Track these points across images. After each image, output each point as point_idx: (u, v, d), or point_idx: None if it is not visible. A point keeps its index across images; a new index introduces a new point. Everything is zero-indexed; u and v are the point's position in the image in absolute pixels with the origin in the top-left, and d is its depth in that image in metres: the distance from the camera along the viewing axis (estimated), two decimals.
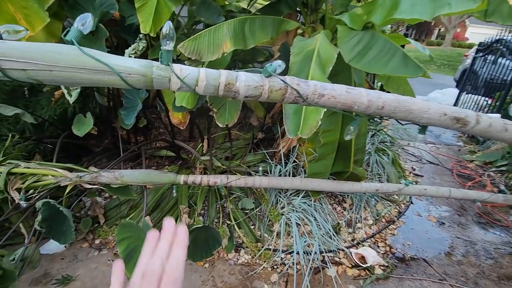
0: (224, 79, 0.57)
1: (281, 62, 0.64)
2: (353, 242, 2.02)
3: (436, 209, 2.52)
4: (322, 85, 0.64)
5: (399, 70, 1.18)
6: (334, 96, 0.64)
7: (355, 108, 0.68)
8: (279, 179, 1.92)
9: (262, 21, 1.55)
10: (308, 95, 0.63)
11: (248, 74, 0.60)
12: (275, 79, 0.61)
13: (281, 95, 0.61)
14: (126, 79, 0.52)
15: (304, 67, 1.34)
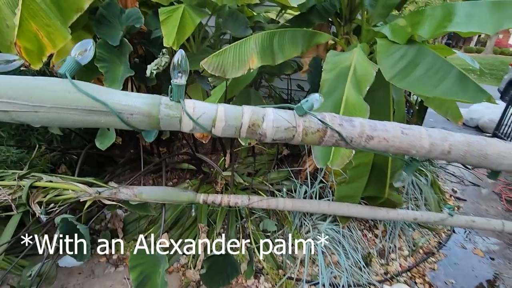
0: (248, 119, 0.46)
1: (319, 95, 0.51)
2: (386, 276, 1.81)
3: (483, 241, 2.22)
4: (372, 125, 0.51)
5: (454, 93, 1.01)
6: (387, 139, 0.51)
7: (413, 152, 0.54)
8: (305, 202, 1.77)
9: (292, 34, 1.43)
10: (353, 137, 0.50)
11: (278, 112, 0.48)
12: (311, 118, 0.48)
13: (319, 138, 0.49)
14: (128, 120, 0.42)
15: (338, 85, 1.20)
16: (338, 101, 1.14)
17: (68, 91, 0.41)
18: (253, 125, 0.46)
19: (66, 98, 0.41)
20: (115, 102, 0.43)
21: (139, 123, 0.44)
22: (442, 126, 4.78)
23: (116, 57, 1.45)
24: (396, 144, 0.52)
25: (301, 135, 0.48)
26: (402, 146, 0.53)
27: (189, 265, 1.79)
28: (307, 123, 0.48)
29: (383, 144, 0.52)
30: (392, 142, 0.52)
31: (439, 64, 1.11)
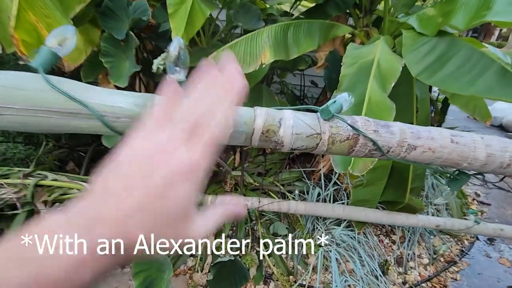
0: (261, 124, 0.37)
1: (349, 95, 0.42)
2: (404, 286, 1.70)
3: (510, 249, 2.07)
4: (414, 132, 0.41)
5: (495, 91, 0.88)
6: (433, 149, 0.41)
7: (463, 165, 0.44)
8: (318, 205, 1.67)
9: (308, 26, 1.32)
10: (391, 147, 0.40)
11: (298, 116, 0.39)
12: (339, 123, 0.39)
13: (348, 148, 0.39)
14: (114, 125, 0.34)
15: (359, 81, 1.10)
16: (360, 99, 1.03)
17: (40, 89, 0.33)
18: (268, 131, 0.37)
19: (38, 97, 0.33)
20: (98, 103, 0.34)
21: (128, 128, 0.36)
22: (463, 124, 4.55)
23: (122, 52, 1.38)
24: (444, 155, 0.42)
25: (326, 144, 0.39)
26: (451, 158, 0.43)
27: (196, 268, 1.73)
28: (335, 129, 0.39)
29: (428, 155, 0.42)
30: (439, 153, 0.42)
31: (476, 58, 0.99)
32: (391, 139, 0.41)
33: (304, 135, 0.38)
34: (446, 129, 0.44)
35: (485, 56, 0.97)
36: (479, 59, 0.98)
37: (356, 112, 1.06)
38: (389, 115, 0.99)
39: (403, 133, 0.41)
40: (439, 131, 0.43)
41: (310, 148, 0.40)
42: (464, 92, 0.94)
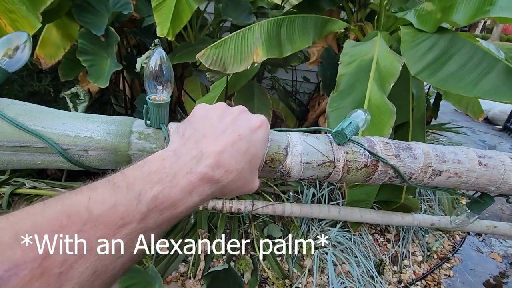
0: (264, 152, 0.30)
1: (364, 112, 0.36)
2: (400, 285, 1.69)
3: (500, 244, 2.10)
4: (439, 155, 0.35)
5: (502, 93, 0.84)
6: (459, 174, 0.36)
7: (491, 190, 0.39)
8: (314, 207, 1.63)
9: (302, 22, 1.25)
10: (413, 173, 0.34)
11: (308, 140, 0.33)
12: (355, 147, 0.33)
13: (365, 176, 0.33)
14: (80, 159, 0.26)
15: (358, 82, 1.04)
16: (359, 101, 0.98)
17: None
18: (272, 161, 0.31)
19: None
20: (59, 133, 0.27)
21: (98, 162, 0.28)
22: (451, 118, 4.61)
23: (102, 49, 1.28)
24: (471, 180, 0.37)
25: (340, 174, 0.33)
26: (478, 183, 0.38)
27: (189, 274, 1.67)
28: (350, 155, 0.33)
29: (453, 181, 0.37)
30: (466, 178, 0.37)
31: (479, 56, 0.94)
32: (414, 164, 0.35)
33: (315, 163, 0.32)
34: (472, 150, 0.39)
35: (488, 54, 0.93)
36: (482, 57, 0.94)
37: None
38: (390, 118, 0.94)
39: (427, 156, 0.35)
40: (465, 152, 0.38)
41: (321, 177, 0.33)
42: (468, 93, 0.90)
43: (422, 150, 0.36)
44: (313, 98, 2.23)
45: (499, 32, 17.20)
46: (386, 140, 0.35)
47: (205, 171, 0.25)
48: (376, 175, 0.34)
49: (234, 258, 1.74)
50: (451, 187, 0.38)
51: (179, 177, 0.24)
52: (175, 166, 0.24)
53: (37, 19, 0.91)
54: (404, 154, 0.35)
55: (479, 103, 1.90)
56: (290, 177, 0.33)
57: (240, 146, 0.27)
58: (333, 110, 1.04)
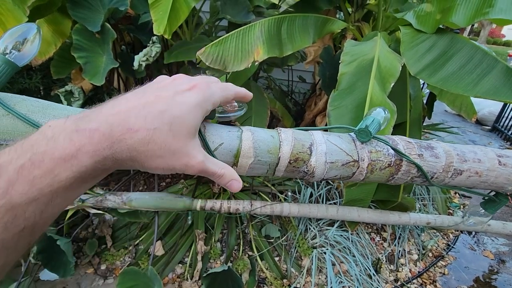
0: (289, 152, 0.29)
1: (384, 110, 0.35)
2: (397, 283, 1.71)
3: (492, 242, 2.14)
4: (460, 154, 0.35)
5: (502, 93, 0.85)
6: (479, 173, 0.35)
7: (508, 188, 0.39)
8: (312, 207, 1.63)
9: (302, 21, 1.24)
10: (435, 172, 0.34)
11: (331, 139, 0.32)
12: (379, 146, 0.32)
13: (388, 176, 0.33)
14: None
15: (359, 81, 1.04)
16: (361, 101, 0.98)
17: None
18: (296, 160, 0.30)
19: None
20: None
21: None
22: (442, 118, 4.70)
23: (97, 46, 1.24)
24: (491, 179, 0.37)
25: (364, 173, 0.32)
26: (497, 182, 0.37)
27: (186, 276, 1.64)
28: (374, 154, 0.32)
29: (473, 180, 0.36)
30: (486, 177, 0.36)
31: (479, 57, 0.96)
32: (436, 163, 0.34)
33: (340, 163, 0.31)
34: (490, 149, 0.38)
35: (488, 55, 0.94)
36: (481, 58, 0.95)
37: (357, 114, 1.01)
38: (391, 117, 0.94)
39: (448, 156, 0.35)
40: (484, 152, 0.37)
41: (344, 177, 0.33)
42: (469, 93, 0.91)
43: (444, 150, 0.35)
44: (309, 98, 2.23)
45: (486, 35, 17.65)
46: (409, 139, 0.35)
47: (95, 127, 0.22)
48: (399, 174, 0.33)
49: (231, 259, 1.73)
50: (470, 187, 0.38)
51: (61, 137, 0.21)
52: (62, 127, 0.21)
53: (24, 13, 0.87)
54: (426, 154, 0.34)
55: (472, 104, 1.94)
56: (314, 177, 0.32)
57: (155, 106, 0.24)
58: (334, 109, 1.03)
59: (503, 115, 4.23)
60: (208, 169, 0.27)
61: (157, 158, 0.24)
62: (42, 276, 1.62)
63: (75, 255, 1.78)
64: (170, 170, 0.26)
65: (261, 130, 0.30)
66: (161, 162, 0.25)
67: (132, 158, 0.23)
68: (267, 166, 0.30)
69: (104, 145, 0.22)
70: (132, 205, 1.44)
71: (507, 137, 4.04)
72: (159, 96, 0.25)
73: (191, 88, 0.27)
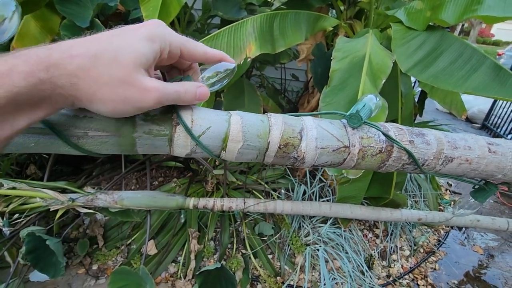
0: (278, 136, 0.29)
1: (376, 96, 0.35)
2: (389, 279, 1.72)
3: (482, 237, 2.18)
4: (451, 141, 0.35)
5: (490, 88, 0.87)
6: (469, 161, 0.35)
7: (498, 177, 0.39)
8: (305, 204, 1.63)
9: (295, 17, 1.24)
10: (426, 159, 0.34)
11: (322, 124, 0.31)
12: (370, 132, 0.32)
13: (379, 162, 0.32)
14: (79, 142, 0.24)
15: (351, 77, 1.04)
16: (353, 97, 0.98)
17: None
18: (286, 145, 0.29)
19: None
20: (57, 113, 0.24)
21: (98, 145, 0.26)
22: (432, 116, 4.76)
23: None
24: (481, 167, 0.37)
25: (355, 159, 0.32)
26: (487, 170, 0.38)
27: (179, 275, 1.63)
28: (365, 140, 0.32)
29: (463, 168, 0.37)
30: (476, 164, 0.36)
31: (468, 53, 0.97)
32: (427, 150, 0.34)
33: (330, 148, 0.31)
34: (481, 137, 0.38)
35: (477, 52, 0.96)
36: (471, 54, 0.96)
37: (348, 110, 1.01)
38: (382, 114, 0.95)
39: (439, 143, 0.35)
40: (474, 139, 0.37)
41: (335, 164, 0.32)
42: (459, 89, 0.92)
43: (435, 137, 0.35)
44: (302, 96, 2.23)
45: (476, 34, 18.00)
46: (400, 126, 0.35)
47: (34, 52, 0.21)
48: (390, 161, 0.33)
49: (225, 257, 1.72)
50: (460, 174, 0.38)
51: None
52: (5, 54, 0.21)
53: None
54: (417, 140, 0.34)
55: (462, 102, 1.97)
56: (304, 163, 0.31)
57: (103, 37, 0.24)
58: (326, 105, 1.03)
59: (492, 113, 4.32)
60: (167, 90, 0.25)
61: (102, 86, 0.23)
62: (32, 277, 1.58)
63: (66, 255, 1.74)
64: (122, 103, 0.24)
65: (251, 115, 0.30)
66: (108, 91, 0.23)
67: (74, 86, 0.22)
68: (256, 151, 0.29)
69: (40, 67, 0.21)
70: (124, 204, 1.42)
71: (496, 135, 4.12)
72: (111, 32, 0.25)
73: (144, 25, 0.27)
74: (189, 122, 0.27)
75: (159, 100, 0.25)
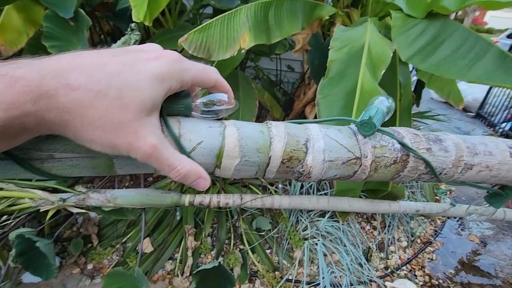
0: (281, 149, 0.25)
1: (388, 98, 0.31)
2: (387, 270, 1.72)
3: (477, 226, 2.20)
4: (470, 147, 0.31)
5: (496, 77, 0.83)
6: (490, 167, 0.32)
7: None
8: (303, 198, 1.61)
9: (291, 5, 1.18)
10: (444, 168, 0.30)
11: (330, 133, 0.27)
12: (383, 141, 0.28)
13: (394, 173, 0.29)
14: (43, 166, 0.20)
15: (349, 68, 1.00)
16: (352, 88, 0.94)
17: None
18: (290, 159, 0.25)
19: None
20: None
21: (69, 169, 0.22)
22: (428, 106, 4.75)
23: (72, 34, 1.15)
24: (502, 173, 0.33)
25: (367, 172, 0.28)
26: (508, 176, 0.34)
27: (176, 272, 1.61)
28: (378, 150, 0.28)
29: (483, 175, 0.33)
30: (497, 171, 0.33)
31: (471, 41, 0.93)
32: (446, 158, 0.31)
33: (340, 161, 0.27)
34: (501, 140, 0.35)
35: (481, 39, 0.92)
36: (474, 42, 0.92)
37: (347, 103, 0.97)
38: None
39: (458, 149, 0.31)
40: (495, 143, 0.34)
41: (344, 177, 0.29)
42: (462, 78, 0.89)
43: (453, 142, 0.32)
44: (298, 88, 2.18)
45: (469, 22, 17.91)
46: (415, 132, 0.31)
47: (20, 75, 0.17)
48: (406, 172, 0.30)
49: (223, 253, 1.70)
50: (479, 182, 0.34)
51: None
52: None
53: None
54: (435, 147, 0.30)
55: (459, 92, 1.94)
56: (310, 178, 0.27)
57: (107, 67, 0.20)
58: (324, 97, 1.00)
59: (486, 102, 4.32)
60: (161, 156, 0.21)
61: (95, 129, 0.20)
62: (25, 278, 1.55)
63: (60, 255, 1.71)
64: (110, 149, 0.21)
65: (248, 125, 0.26)
66: (100, 135, 0.20)
67: (64, 122, 0.19)
68: (256, 167, 0.25)
69: (26, 98, 0.17)
70: (117, 203, 1.38)
71: (490, 123, 4.14)
72: (117, 58, 0.21)
73: (157, 57, 0.22)
74: (177, 134, 0.23)
75: (147, 159, 0.21)
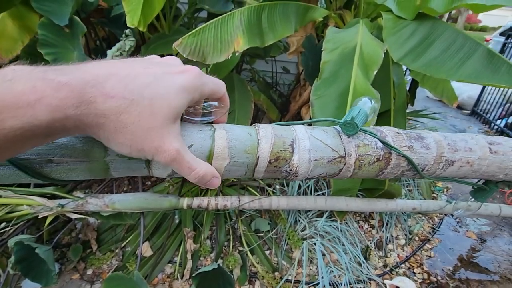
0: (268, 150, 0.26)
1: (370, 100, 0.32)
2: (386, 269, 1.74)
3: (474, 223, 2.22)
4: (451, 144, 0.33)
5: (484, 76, 0.85)
6: (471, 163, 0.33)
7: (499, 177, 0.37)
8: (300, 198, 1.62)
9: (283, 8, 1.20)
10: (426, 164, 0.32)
11: (315, 133, 0.29)
12: (366, 139, 0.29)
13: (377, 171, 0.30)
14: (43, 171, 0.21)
15: (342, 69, 1.02)
16: (345, 89, 0.96)
17: None
18: (277, 159, 0.27)
19: None
20: None
21: (67, 173, 0.23)
22: (423, 104, 4.79)
23: (67, 41, 1.16)
24: (483, 168, 0.35)
25: (352, 169, 0.29)
26: (488, 171, 0.36)
27: (176, 275, 1.61)
28: (362, 148, 0.29)
29: (464, 170, 0.35)
30: (478, 166, 0.34)
31: (460, 41, 0.95)
32: (427, 155, 0.32)
33: (325, 160, 0.28)
34: (481, 136, 0.37)
35: (470, 39, 0.94)
36: (463, 42, 0.94)
37: (341, 103, 0.99)
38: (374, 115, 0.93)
39: (439, 146, 0.33)
40: (475, 139, 0.36)
41: (330, 175, 0.30)
42: (451, 77, 0.91)
43: (434, 139, 0.33)
44: (294, 89, 2.20)
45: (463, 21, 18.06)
46: (397, 130, 0.33)
47: (66, 81, 0.19)
48: (389, 169, 0.31)
49: (222, 255, 1.71)
50: (461, 177, 0.36)
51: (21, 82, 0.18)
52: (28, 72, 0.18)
53: None
54: (416, 145, 0.32)
55: (453, 90, 1.97)
56: (297, 177, 0.29)
57: (140, 78, 0.22)
58: (318, 98, 1.01)
59: (481, 99, 4.36)
60: (183, 160, 0.24)
61: (126, 133, 0.22)
62: (24, 285, 1.55)
63: (59, 261, 1.71)
64: (136, 152, 0.23)
65: (237, 128, 0.27)
66: (130, 139, 0.22)
67: (99, 125, 0.21)
68: (244, 167, 0.27)
69: (70, 103, 0.19)
70: (116, 208, 1.39)
71: (485, 121, 4.18)
72: (148, 70, 0.23)
73: (183, 71, 0.25)
74: None
75: (171, 162, 0.24)
